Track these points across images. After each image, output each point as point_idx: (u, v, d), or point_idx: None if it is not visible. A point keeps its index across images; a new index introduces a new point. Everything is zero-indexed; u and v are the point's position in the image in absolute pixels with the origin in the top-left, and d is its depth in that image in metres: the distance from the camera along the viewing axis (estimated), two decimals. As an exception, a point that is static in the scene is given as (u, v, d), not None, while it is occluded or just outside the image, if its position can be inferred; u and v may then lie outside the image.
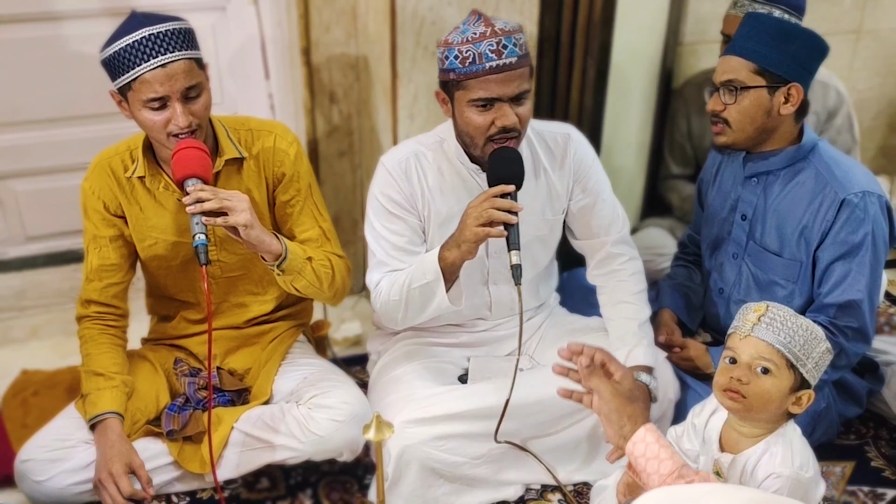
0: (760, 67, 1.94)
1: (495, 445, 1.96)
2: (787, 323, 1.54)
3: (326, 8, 2.54)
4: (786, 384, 1.54)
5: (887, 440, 2.30)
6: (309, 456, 1.96)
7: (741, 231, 2.15)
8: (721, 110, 2.01)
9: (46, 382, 2.48)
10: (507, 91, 1.77)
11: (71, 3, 2.57)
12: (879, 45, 3.30)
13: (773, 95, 1.96)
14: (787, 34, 1.95)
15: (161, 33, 1.73)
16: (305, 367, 2.09)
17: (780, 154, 2.04)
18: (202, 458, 1.93)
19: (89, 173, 1.98)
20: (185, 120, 1.76)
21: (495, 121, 1.79)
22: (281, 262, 1.83)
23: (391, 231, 1.97)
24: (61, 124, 2.72)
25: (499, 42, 1.75)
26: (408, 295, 1.89)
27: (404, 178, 1.96)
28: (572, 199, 2.06)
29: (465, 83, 1.78)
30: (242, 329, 2.13)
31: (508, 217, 1.72)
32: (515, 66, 1.76)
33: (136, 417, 1.97)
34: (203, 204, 1.68)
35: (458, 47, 1.77)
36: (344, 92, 2.68)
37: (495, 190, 1.75)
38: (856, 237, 1.96)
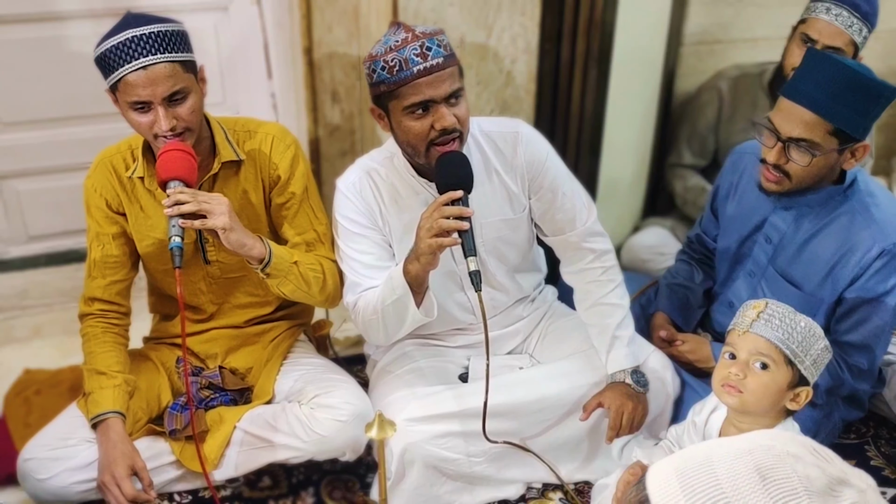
0: (837, 128, 1.81)
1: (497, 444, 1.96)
2: (786, 319, 1.55)
3: (328, 8, 2.55)
4: (783, 380, 1.55)
5: (887, 439, 2.30)
6: (311, 455, 1.96)
7: (763, 253, 2.10)
8: (784, 164, 1.88)
9: (49, 381, 2.48)
10: (439, 92, 1.74)
11: (73, 3, 2.57)
12: (881, 47, 3.30)
13: (841, 154, 1.87)
14: (867, 92, 1.80)
15: (145, 35, 1.72)
16: (307, 367, 2.09)
17: (819, 192, 1.95)
18: (204, 457, 1.93)
19: (92, 171, 1.98)
20: (168, 123, 1.76)
21: (434, 124, 1.76)
22: (265, 265, 1.81)
23: (358, 251, 1.95)
24: (63, 124, 2.73)
25: (422, 45, 1.73)
26: (383, 312, 1.88)
27: (360, 198, 1.94)
28: (531, 198, 2.02)
29: (396, 92, 1.76)
30: (243, 328, 2.13)
31: (459, 224, 1.69)
32: (443, 66, 1.74)
33: (137, 416, 1.97)
34: (181, 206, 1.68)
35: (384, 58, 1.75)
36: (346, 91, 2.68)
37: (443, 198, 1.73)
38: (885, 286, 1.92)
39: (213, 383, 2.05)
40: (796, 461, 0.75)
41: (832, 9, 2.37)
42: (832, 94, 1.79)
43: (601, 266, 2.08)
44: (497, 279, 2.10)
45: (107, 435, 1.85)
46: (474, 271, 1.70)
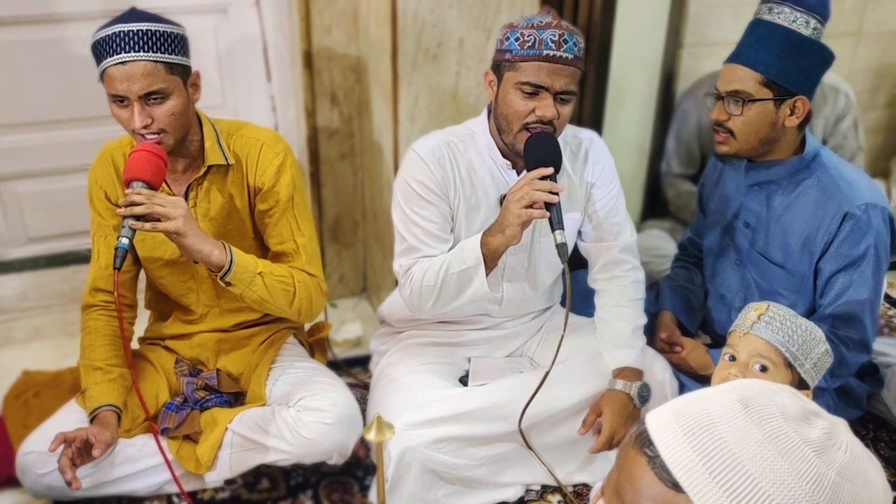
0: (768, 79, 1.93)
1: (496, 447, 1.96)
2: (787, 322, 1.55)
3: (328, 10, 2.55)
4: (783, 383, 1.54)
5: (887, 442, 2.30)
6: (298, 458, 1.96)
7: (744, 239, 2.14)
8: (725, 120, 1.99)
9: (48, 383, 2.48)
10: (555, 83, 1.80)
11: (73, 5, 2.58)
12: (879, 48, 3.31)
13: (778, 108, 1.95)
14: (797, 46, 1.92)
15: (132, 32, 1.74)
16: (296, 370, 2.08)
17: (783, 164, 2.03)
18: (198, 459, 1.94)
19: (94, 163, 2.00)
20: (142, 121, 1.76)
21: (535, 109, 1.81)
22: (224, 273, 1.79)
23: (423, 217, 1.96)
24: (63, 126, 2.73)
25: (561, 35, 1.79)
26: (444, 280, 1.89)
27: (437, 165, 1.95)
28: (589, 202, 2.07)
29: (518, 65, 1.81)
30: (231, 332, 2.13)
31: (549, 196, 1.74)
32: (570, 62, 1.80)
33: (135, 414, 1.98)
34: (133, 208, 1.67)
35: (522, 30, 1.81)
36: (345, 94, 2.69)
37: (535, 173, 1.78)
38: (858, 250, 1.95)
39: (209, 385, 2.05)
40: (775, 394, 0.84)
41: (774, 8, 2.39)
42: (763, 48, 1.93)
43: (632, 277, 2.14)
44: (540, 280, 2.12)
45: (96, 424, 1.86)
46: (561, 244, 1.75)
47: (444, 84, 2.46)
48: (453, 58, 2.43)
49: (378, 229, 2.78)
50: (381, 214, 2.71)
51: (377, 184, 2.71)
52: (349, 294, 3.04)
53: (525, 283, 2.09)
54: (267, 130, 2.04)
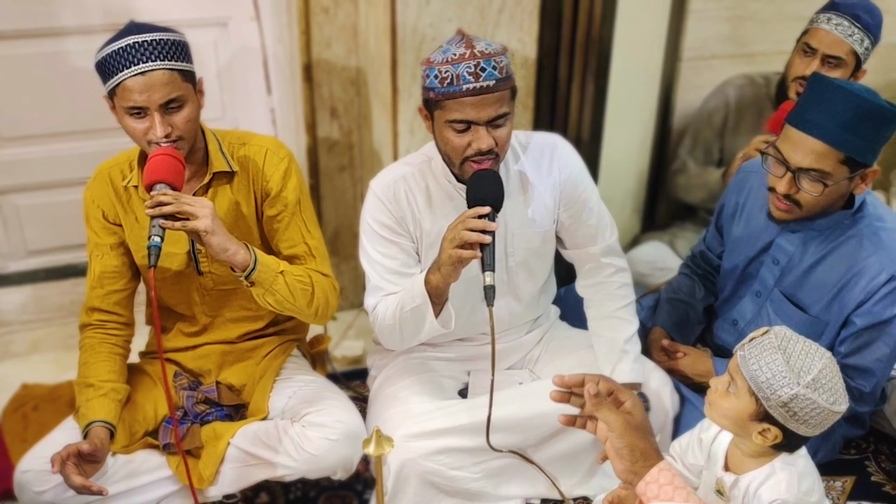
0: (847, 157, 1.78)
1: (495, 459, 1.96)
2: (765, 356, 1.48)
3: (327, 24, 2.56)
4: (745, 408, 1.51)
5: (888, 455, 2.29)
6: (303, 474, 1.95)
7: (770, 275, 2.09)
8: (795, 193, 1.86)
9: (47, 397, 2.48)
10: (482, 115, 1.75)
11: (73, 19, 2.59)
12: (878, 61, 3.30)
13: (851, 181, 1.85)
14: (876, 119, 1.76)
15: (146, 42, 1.75)
16: (300, 384, 2.08)
17: (828, 217, 1.94)
18: (200, 473, 1.93)
19: (90, 182, 2.00)
20: (163, 130, 1.78)
21: (471, 143, 1.78)
22: (249, 273, 1.80)
23: (384, 255, 1.97)
24: (63, 139, 2.73)
25: (477, 65, 1.73)
26: (401, 318, 1.89)
27: (393, 202, 1.96)
28: (560, 209, 2.05)
29: (443, 103, 1.78)
30: (235, 343, 2.12)
31: (481, 237, 1.70)
32: (493, 89, 1.75)
33: (134, 429, 1.97)
34: (162, 208, 1.68)
35: (439, 67, 1.76)
36: (344, 107, 2.69)
37: (470, 212, 1.74)
38: (892, 311, 1.91)
39: (209, 398, 2.05)
40: None
41: (833, 19, 2.41)
42: (841, 122, 1.76)
43: (618, 282, 2.12)
44: (523, 292, 2.11)
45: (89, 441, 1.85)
46: (489, 286, 1.71)
47: (444, 97, 2.46)
48: (509, 47, 2.41)
49: (377, 242, 2.77)
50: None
51: (377, 196, 2.71)
52: (348, 307, 3.04)
53: (508, 297, 2.09)
54: (269, 137, 2.06)
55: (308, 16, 2.53)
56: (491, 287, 1.71)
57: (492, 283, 1.71)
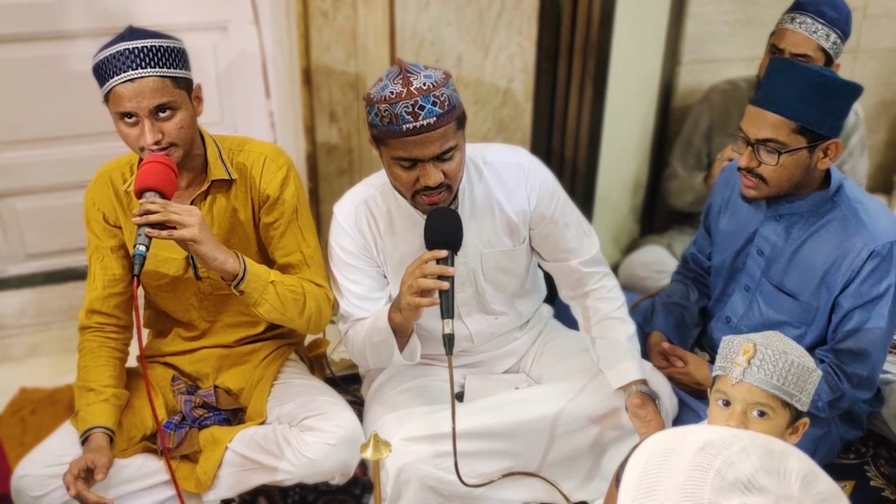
0: (801, 126, 1.86)
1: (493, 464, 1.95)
2: (779, 363, 1.49)
3: (326, 28, 2.56)
4: (783, 422, 1.52)
5: (887, 459, 2.29)
6: (301, 479, 1.95)
7: (756, 266, 2.11)
8: (756, 167, 1.92)
9: (45, 400, 2.48)
10: (426, 153, 1.71)
11: (72, 22, 2.59)
12: (877, 65, 3.32)
13: (812, 153, 1.89)
14: (829, 90, 1.85)
15: (137, 48, 1.75)
16: (298, 388, 2.07)
17: (806, 199, 1.98)
18: (198, 478, 1.93)
19: (91, 185, 2.00)
20: (153, 137, 1.77)
21: (419, 179, 1.74)
22: (238, 281, 1.80)
23: (350, 280, 1.97)
24: (61, 143, 2.73)
25: (415, 103, 1.67)
26: (371, 347, 1.91)
27: (355, 229, 1.95)
28: (533, 228, 2.02)
29: (386, 141, 1.73)
30: (232, 347, 2.12)
31: (439, 284, 1.68)
32: (435, 126, 1.68)
33: (132, 433, 1.97)
34: (149, 216, 1.68)
35: (378, 105, 1.71)
36: (343, 111, 2.69)
37: (427, 255, 1.72)
38: (879, 288, 1.92)
39: (207, 402, 2.04)
40: (743, 453, 0.80)
41: (797, 18, 2.44)
42: (794, 95, 1.85)
43: (607, 285, 2.10)
44: (495, 307, 2.10)
45: (88, 448, 1.85)
46: (448, 335, 1.68)
47: (443, 101, 2.46)
48: (452, 75, 2.43)
49: (376, 246, 2.77)
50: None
51: (376, 200, 2.71)
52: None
53: (482, 313, 2.08)
54: (269, 144, 2.05)
55: (307, 20, 2.53)
56: (450, 336, 1.67)
57: (450, 331, 1.67)
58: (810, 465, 0.81)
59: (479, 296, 2.05)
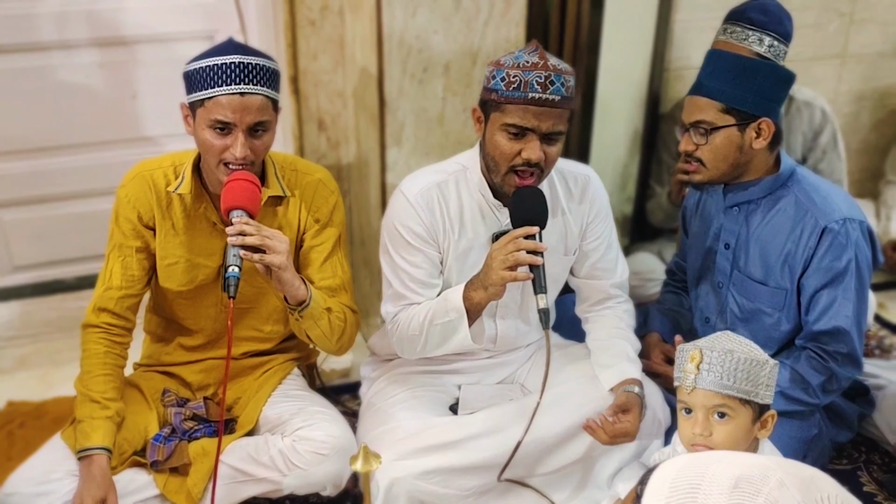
0: (727, 106, 1.94)
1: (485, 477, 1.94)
2: (726, 363, 1.52)
3: (314, 36, 2.55)
4: (746, 419, 1.54)
5: (879, 465, 2.29)
6: (293, 489, 1.94)
7: (725, 260, 2.15)
8: (693, 150, 2.00)
9: (33, 414, 2.46)
10: (541, 125, 1.76)
11: (59, 33, 2.58)
12: (864, 69, 3.33)
13: (743, 132, 1.96)
14: (748, 70, 1.94)
15: (252, 65, 1.78)
16: (293, 399, 2.06)
17: (758, 184, 2.04)
18: (188, 491, 1.91)
19: (127, 181, 1.97)
20: (243, 152, 1.78)
21: (522, 151, 1.78)
22: (303, 308, 1.82)
23: (410, 263, 1.94)
24: (49, 154, 2.72)
25: (547, 77, 1.75)
26: (428, 331, 1.89)
27: (426, 210, 1.93)
28: (584, 241, 2.06)
29: (503, 106, 1.78)
30: (238, 360, 2.11)
31: (534, 259, 1.71)
32: (557, 104, 1.76)
33: (122, 448, 1.94)
34: (245, 238, 1.69)
35: (508, 70, 1.77)
36: (332, 120, 2.68)
37: (520, 231, 1.75)
38: (839, 264, 1.96)
39: (197, 414, 2.03)
40: (779, 488, 0.79)
41: (728, 28, 2.45)
42: (720, 78, 1.95)
43: (625, 308, 2.14)
44: (533, 316, 2.09)
45: (89, 470, 1.82)
46: (543, 309, 1.72)
47: (431, 109, 2.46)
48: (439, 83, 2.44)
49: (366, 255, 2.77)
50: (369, 240, 2.70)
51: (364, 209, 2.70)
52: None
53: (518, 319, 2.08)
54: (320, 168, 2.07)
55: (294, 28, 2.53)
56: (546, 310, 1.72)
57: (545, 306, 1.72)
58: (838, 486, 0.81)
59: (522, 300, 2.06)
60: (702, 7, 2.91)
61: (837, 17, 3.15)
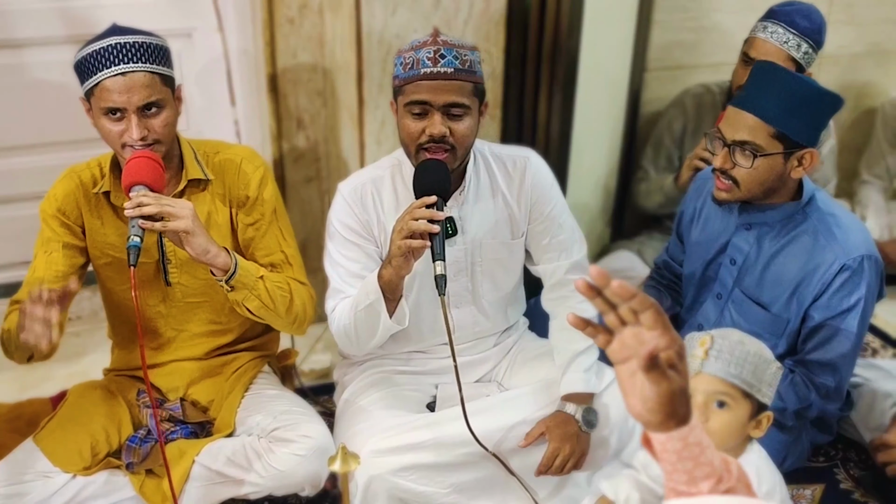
0: (779, 132, 1.85)
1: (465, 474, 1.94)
2: (736, 352, 1.52)
3: (293, 35, 2.54)
4: (744, 413, 1.54)
5: (856, 462, 2.30)
6: (270, 491, 1.93)
7: (728, 275, 2.10)
8: (730, 168, 1.91)
9: (6, 416, 2.42)
10: (436, 98, 1.78)
11: (35, 30, 2.54)
12: (840, 70, 3.36)
13: (787, 160, 1.89)
14: (811, 100, 1.85)
15: (128, 43, 1.76)
16: (269, 400, 2.05)
17: (778, 209, 1.98)
18: (164, 493, 1.89)
19: (57, 181, 1.97)
20: (139, 133, 1.77)
21: (425, 129, 1.80)
22: (230, 276, 1.79)
23: (347, 258, 1.97)
24: (23, 153, 2.68)
25: (437, 51, 1.78)
26: (355, 318, 1.89)
27: (360, 205, 1.96)
28: (531, 223, 2.05)
29: (403, 88, 1.82)
30: (204, 360, 2.09)
31: (429, 226, 1.70)
32: (451, 76, 1.78)
33: (97, 449, 1.92)
34: (142, 208, 1.67)
35: (404, 54, 1.83)
36: (311, 118, 2.67)
37: (417, 202, 1.75)
38: (849, 302, 1.93)
39: (173, 416, 2.01)
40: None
41: (769, 27, 2.44)
42: (776, 100, 1.84)
43: (582, 298, 2.07)
44: (488, 303, 2.10)
45: None
46: (440, 275, 1.71)
47: (411, 108, 2.45)
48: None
49: (346, 254, 2.75)
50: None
51: (344, 208, 2.69)
52: (316, 320, 2.98)
53: (472, 306, 2.08)
54: (245, 147, 2.06)
55: (273, 26, 2.51)
56: (442, 276, 1.71)
57: (442, 272, 1.71)
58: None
59: (474, 287, 2.06)
60: (681, 7, 2.92)
61: (814, 18, 3.18)
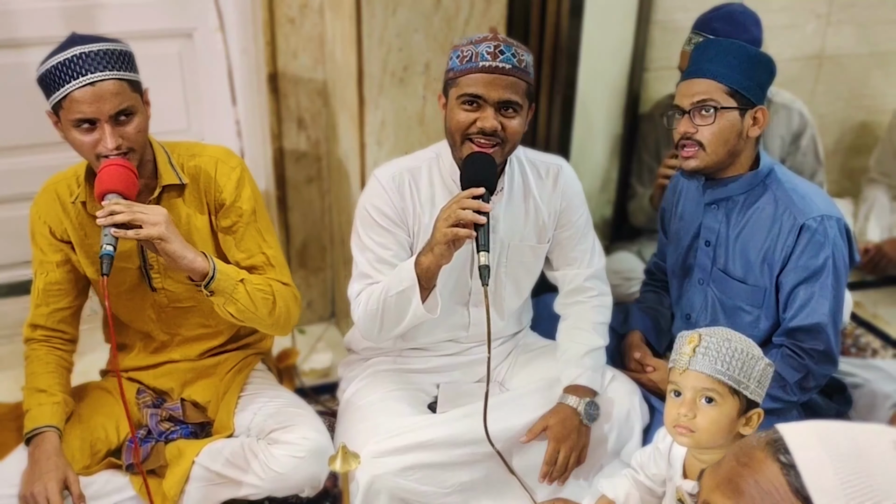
0: (732, 90, 1.95)
1: (465, 473, 1.94)
2: (722, 350, 1.54)
3: (294, 35, 2.54)
4: (732, 410, 1.55)
5: (856, 462, 2.30)
6: (269, 492, 1.93)
7: (706, 257, 2.15)
8: (694, 132, 1.99)
9: (7, 415, 2.41)
10: (492, 93, 1.79)
11: (32, 30, 2.54)
12: (841, 70, 3.36)
13: (743, 117, 1.97)
14: (750, 58, 1.96)
15: (92, 52, 1.72)
16: (266, 399, 2.04)
17: (738, 180, 2.05)
18: (164, 493, 1.89)
19: (37, 198, 1.96)
20: (114, 142, 1.74)
21: (476, 121, 1.81)
22: (208, 281, 1.77)
23: (377, 244, 1.96)
24: (21, 153, 2.68)
25: (496, 46, 1.80)
26: (384, 304, 1.87)
27: (396, 193, 1.96)
28: (557, 230, 2.07)
29: (458, 80, 1.82)
30: (197, 361, 2.09)
31: (477, 217, 1.71)
32: (508, 72, 1.80)
33: (96, 448, 1.93)
34: (114, 216, 1.65)
35: (462, 48, 1.84)
36: (311, 118, 2.67)
37: (465, 193, 1.75)
38: (817, 261, 1.97)
39: (173, 416, 2.01)
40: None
41: (692, 38, 2.46)
42: (723, 62, 1.95)
43: (597, 303, 2.14)
44: (506, 305, 2.11)
45: (40, 447, 1.79)
46: (484, 265, 1.71)
47: (411, 108, 2.46)
48: (419, 82, 2.43)
49: (346, 254, 2.75)
50: (349, 239, 2.67)
51: (345, 208, 2.69)
52: (317, 320, 3.01)
53: (492, 307, 2.08)
54: (219, 147, 2.02)
55: (274, 26, 2.51)
56: (486, 266, 1.71)
57: (486, 262, 1.71)
58: None
59: (497, 288, 2.06)
60: (680, 8, 2.92)
61: (815, 19, 3.18)
